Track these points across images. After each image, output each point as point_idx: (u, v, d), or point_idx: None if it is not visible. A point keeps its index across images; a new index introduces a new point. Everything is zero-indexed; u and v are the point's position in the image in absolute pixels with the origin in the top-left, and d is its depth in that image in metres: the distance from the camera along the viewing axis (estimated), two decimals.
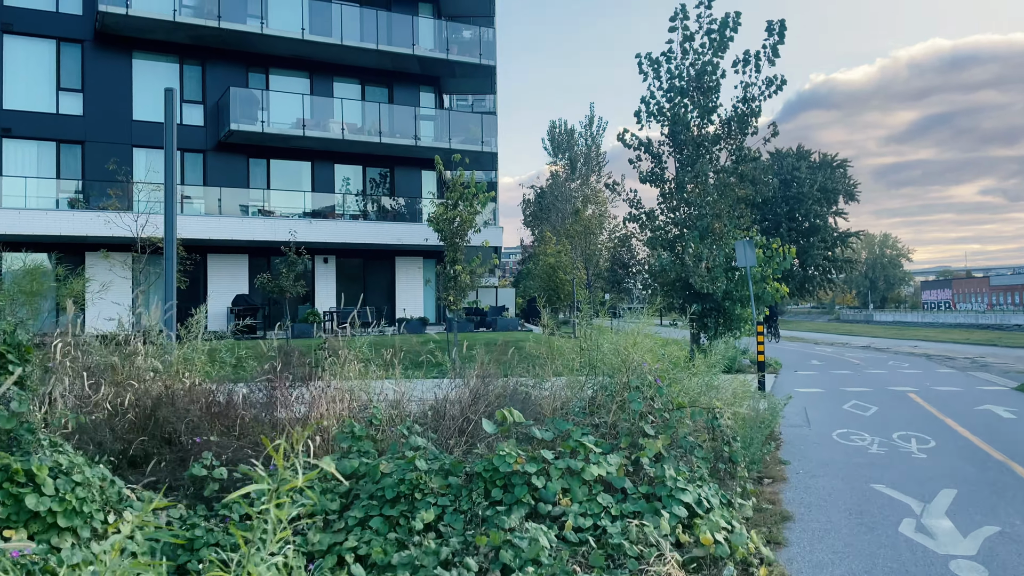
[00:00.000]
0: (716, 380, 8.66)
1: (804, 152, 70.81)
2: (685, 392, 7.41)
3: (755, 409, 8.33)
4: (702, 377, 7.94)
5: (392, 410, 7.75)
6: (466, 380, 7.71)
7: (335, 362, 7.84)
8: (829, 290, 74.39)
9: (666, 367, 7.48)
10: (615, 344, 7.43)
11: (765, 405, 8.66)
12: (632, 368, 6.94)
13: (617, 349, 7.46)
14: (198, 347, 8.53)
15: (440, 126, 29.32)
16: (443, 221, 18.37)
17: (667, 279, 19.56)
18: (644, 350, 7.38)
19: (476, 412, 7.47)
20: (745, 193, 19.66)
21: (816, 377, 17.77)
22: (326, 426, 7.05)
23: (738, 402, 8.06)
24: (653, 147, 19.72)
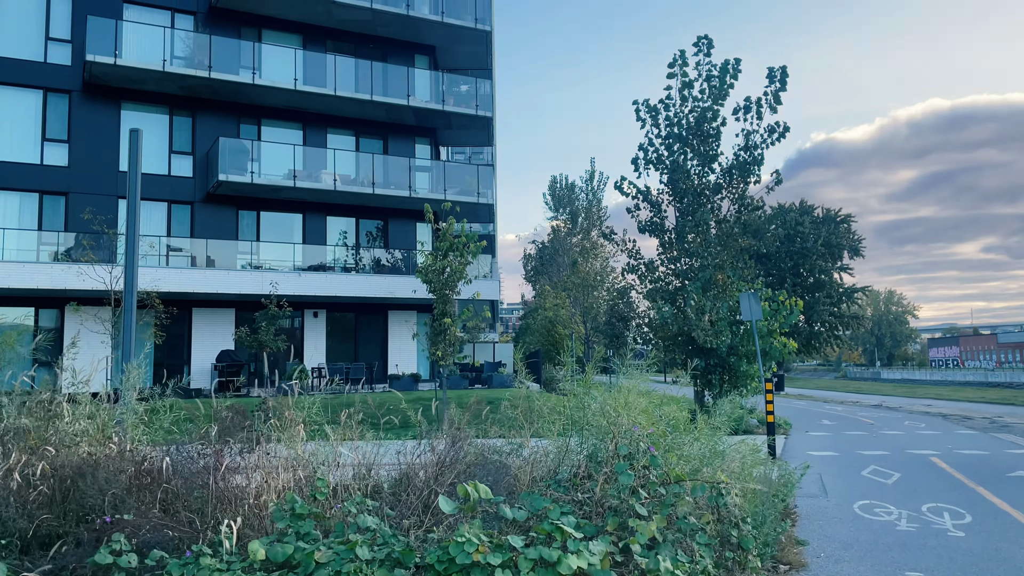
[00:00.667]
0: (721, 444, 7.62)
1: (807, 207, 70.37)
2: (685, 460, 6.38)
3: (767, 479, 7.26)
4: (705, 442, 6.91)
5: (353, 481, 6.72)
6: (433, 445, 6.70)
7: (281, 425, 6.83)
8: (836, 347, 73.05)
9: (662, 431, 6.47)
10: (604, 403, 6.43)
11: (778, 473, 7.59)
12: (622, 432, 5.93)
13: (605, 409, 6.46)
14: (135, 407, 7.53)
15: (435, 177, 28.73)
16: (432, 272, 17.50)
17: (668, 333, 18.57)
18: (637, 411, 6.37)
19: (443, 483, 6.44)
20: (748, 244, 18.80)
21: (829, 439, 16.62)
22: (263, 501, 6.02)
23: (747, 471, 7.00)
24: (652, 195, 18.95)
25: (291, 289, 24.86)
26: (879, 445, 15.15)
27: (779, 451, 13.92)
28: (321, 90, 26.08)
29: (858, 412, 25.80)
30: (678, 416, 7.25)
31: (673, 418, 7.13)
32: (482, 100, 29.04)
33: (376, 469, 7.17)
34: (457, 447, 6.54)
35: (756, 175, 19.13)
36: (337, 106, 27.30)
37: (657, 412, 7.26)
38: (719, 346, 17.79)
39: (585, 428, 6.55)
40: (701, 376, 18.67)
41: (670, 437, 6.49)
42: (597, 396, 6.99)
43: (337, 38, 28.49)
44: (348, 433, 7.41)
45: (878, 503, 8.86)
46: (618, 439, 5.88)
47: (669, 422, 6.99)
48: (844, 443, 15.63)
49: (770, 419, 11.84)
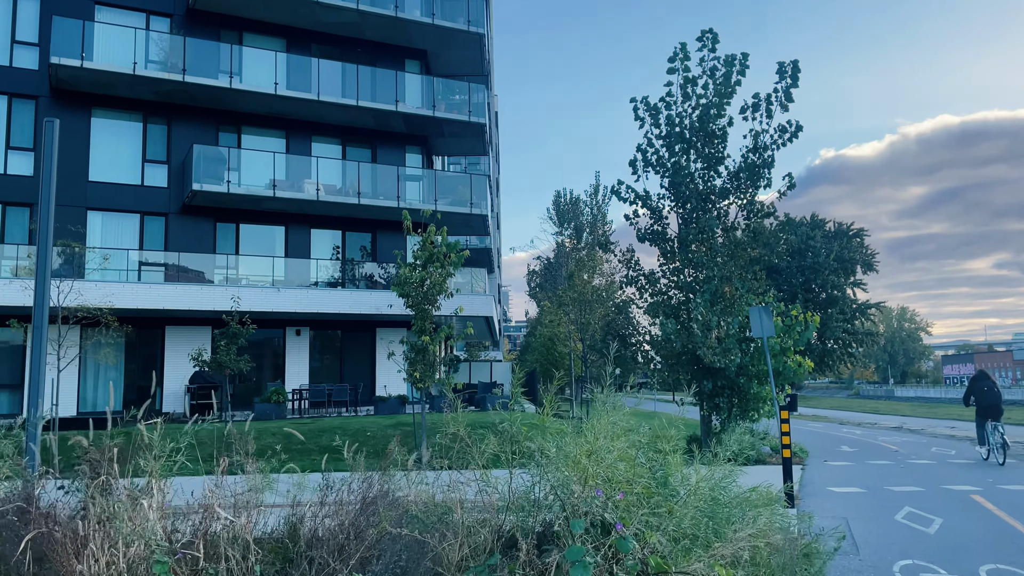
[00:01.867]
0: (725, 497, 5.97)
1: (818, 221, 68.68)
2: (676, 531, 4.71)
3: (787, 551, 5.59)
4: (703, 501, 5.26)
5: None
6: (338, 501, 5.07)
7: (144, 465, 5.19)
8: (849, 364, 71.05)
9: (645, 489, 4.81)
10: (565, 449, 4.80)
11: (801, 544, 5.91)
12: (581, 497, 4.29)
13: (571, 457, 4.82)
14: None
15: (426, 187, 27.24)
16: (409, 284, 15.90)
17: (671, 351, 16.88)
18: (610, 460, 4.73)
19: (348, 560, 4.79)
20: (758, 254, 17.14)
21: (852, 470, 14.85)
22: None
23: (761, 538, 5.34)
24: (652, 201, 17.33)
25: (270, 305, 23.32)
26: (909, 478, 13.38)
27: (796, 487, 12.18)
28: (304, 95, 24.66)
29: (879, 436, 23.97)
30: (670, 464, 5.57)
31: (662, 468, 5.46)
32: (475, 106, 27.56)
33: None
34: (368, 509, 4.89)
35: (766, 179, 17.48)
36: (322, 112, 25.87)
37: (645, 455, 5.60)
38: (727, 366, 16.09)
39: (540, 482, 4.91)
40: (708, 399, 16.95)
41: (654, 499, 4.82)
42: (562, 437, 5.33)
43: (323, 42, 27.11)
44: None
45: (923, 564, 7.14)
46: (573, 506, 4.23)
47: (655, 474, 5.33)
48: (869, 476, 13.87)
49: (786, 453, 10.13)
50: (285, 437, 10.12)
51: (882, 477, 13.55)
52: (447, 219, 27.99)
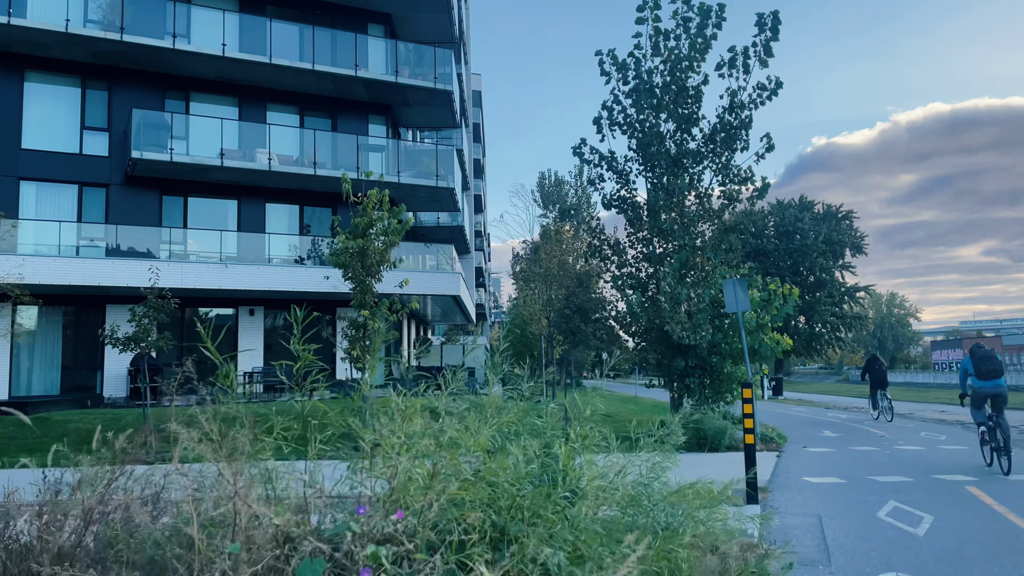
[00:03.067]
0: (652, 492, 4.57)
1: (807, 203, 67.22)
2: (565, 548, 3.27)
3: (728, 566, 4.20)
4: (616, 503, 3.85)
5: None
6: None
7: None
8: (838, 348, 69.90)
9: (516, 497, 3.38)
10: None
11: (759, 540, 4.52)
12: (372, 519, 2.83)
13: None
14: None
15: (390, 159, 25.66)
16: (347, 255, 14.40)
17: (638, 328, 15.45)
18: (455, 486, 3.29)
19: None
20: (734, 220, 15.70)
21: (833, 457, 13.49)
22: None
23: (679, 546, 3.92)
24: (618, 163, 15.85)
25: (217, 283, 21.81)
26: (896, 466, 12.02)
27: (767, 476, 10.80)
28: (255, 57, 23.02)
29: (865, 421, 22.65)
30: (556, 457, 4.15)
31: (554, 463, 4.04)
32: (442, 73, 25.93)
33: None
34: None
35: (743, 141, 16.06)
36: (277, 78, 24.24)
37: (528, 446, 4.18)
38: (698, 343, 14.67)
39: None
40: (678, 380, 15.55)
41: (530, 505, 3.39)
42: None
43: (279, 3, 25.44)
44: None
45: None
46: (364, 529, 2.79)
47: (546, 472, 3.91)
48: (851, 463, 12.50)
49: (749, 439, 8.66)
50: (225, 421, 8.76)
51: (866, 465, 12.18)
52: (412, 193, 26.51)
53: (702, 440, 14.08)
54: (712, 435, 13.95)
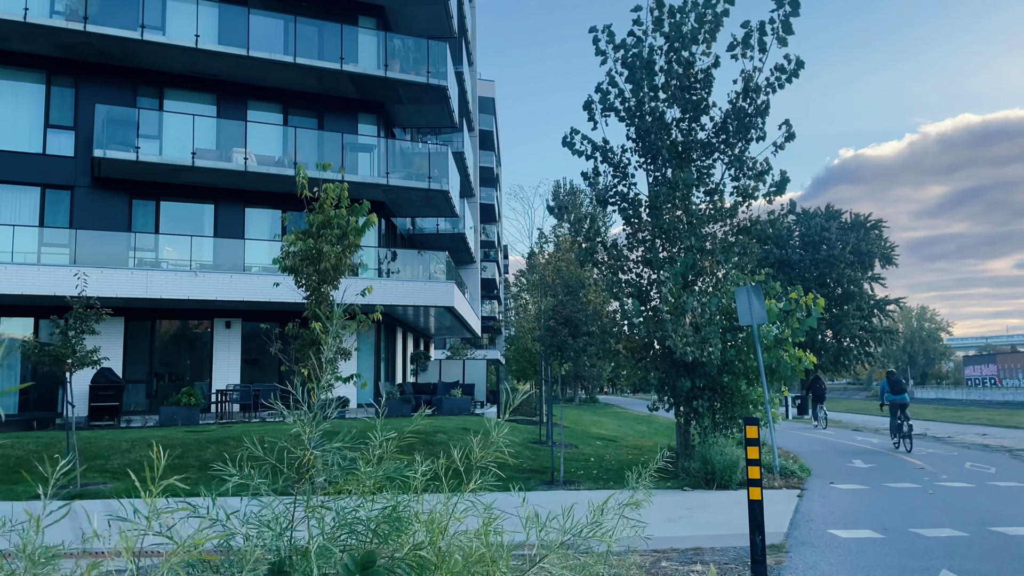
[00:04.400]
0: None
1: (834, 212, 64.62)
2: None
3: None
4: None
5: None
6: None
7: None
8: (867, 364, 67.04)
9: None
10: None
11: None
12: None
13: None
14: None
15: (379, 160, 23.87)
16: (297, 258, 12.55)
17: (637, 342, 13.41)
18: None
19: None
20: (746, 221, 13.65)
21: (865, 498, 11.33)
22: None
23: None
24: (614, 154, 13.86)
25: (185, 292, 20.10)
26: (943, 513, 9.86)
27: (784, 527, 8.70)
28: (231, 50, 21.38)
29: (899, 448, 20.35)
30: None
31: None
32: (437, 67, 24.14)
33: None
34: None
35: (759, 129, 14.04)
36: (258, 73, 22.59)
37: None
38: (707, 360, 12.60)
39: None
40: (685, 402, 13.46)
41: None
42: None
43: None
44: None
45: None
46: None
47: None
48: (888, 508, 10.35)
49: (754, 493, 6.55)
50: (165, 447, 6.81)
51: (906, 511, 10.03)
52: (404, 196, 24.68)
53: (710, 475, 11.99)
54: (722, 469, 11.86)
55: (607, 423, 26.79)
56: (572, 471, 13.78)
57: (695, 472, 12.32)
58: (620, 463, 15.10)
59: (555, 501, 9.89)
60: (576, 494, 11.37)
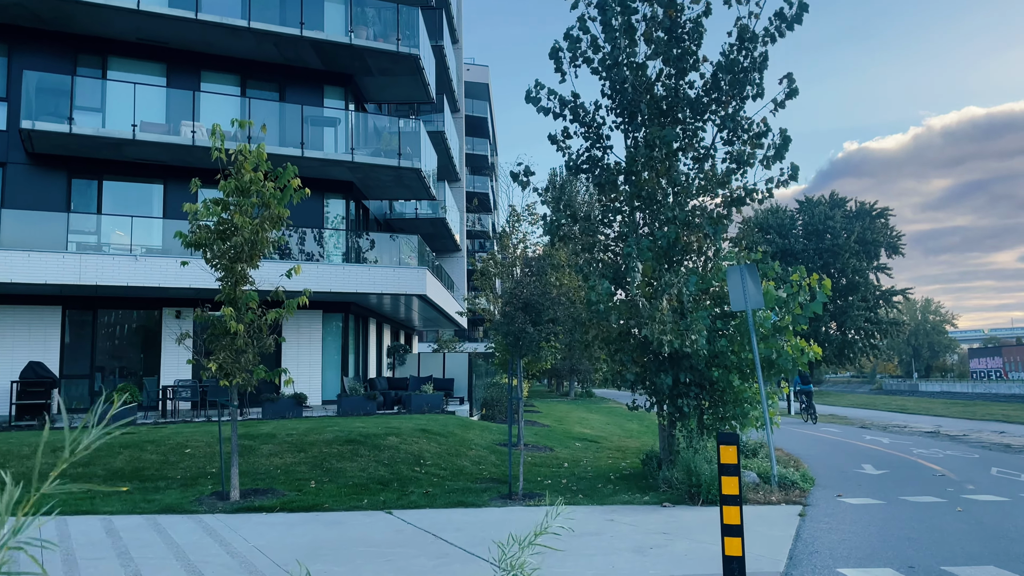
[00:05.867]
0: None
1: (838, 200, 62.66)
2: None
3: None
4: None
5: None
6: None
7: None
8: (872, 356, 65.15)
9: None
10: None
11: None
12: None
13: None
14: None
15: (342, 135, 21.96)
16: (205, 232, 10.68)
17: (609, 331, 11.50)
18: None
19: None
20: (740, 191, 11.73)
21: (881, 517, 9.43)
22: None
23: None
24: (586, 112, 11.93)
25: (126, 279, 18.25)
26: (980, 542, 7.97)
27: (781, 565, 6.80)
28: (178, 12, 19.45)
29: (912, 447, 18.46)
30: None
31: None
32: (408, 35, 22.19)
33: None
34: None
35: (756, 85, 12.11)
36: (211, 39, 20.68)
37: None
38: (692, 352, 10.69)
39: None
40: (668, 401, 11.56)
41: None
42: None
43: None
44: None
45: None
46: None
47: None
48: (911, 533, 8.46)
49: (731, 517, 4.59)
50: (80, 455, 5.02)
51: (932, 536, 8.14)
52: (373, 175, 22.75)
53: (695, 488, 10.11)
54: (709, 481, 9.97)
55: (595, 420, 24.90)
56: (538, 480, 11.92)
57: (678, 483, 10.44)
58: (597, 470, 13.23)
59: (501, 522, 7.61)
60: (532, 512, 9.50)
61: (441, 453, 13.22)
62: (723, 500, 4.70)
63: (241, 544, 7.93)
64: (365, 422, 15.42)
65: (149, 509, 9.81)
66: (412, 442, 13.45)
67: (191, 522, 9.08)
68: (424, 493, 10.71)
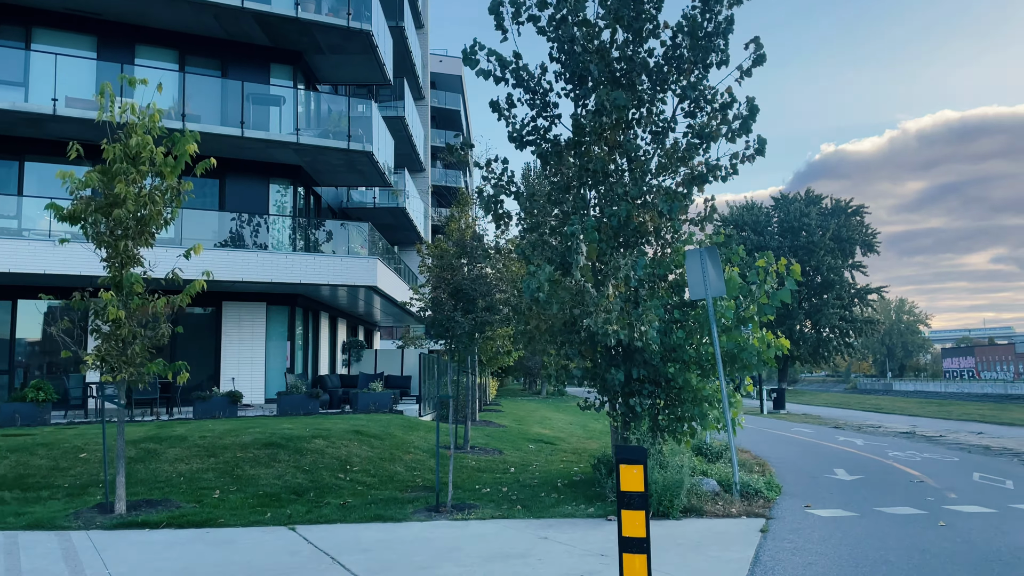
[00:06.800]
0: None
1: (814, 197, 61.89)
2: None
3: None
4: None
5: None
6: None
7: None
8: (847, 355, 64.57)
9: None
10: None
11: None
12: None
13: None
14: None
15: (287, 115, 20.57)
16: (83, 203, 9.33)
17: (553, 321, 10.27)
18: None
19: None
20: (702, 168, 10.54)
21: (853, 535, 8.28)
22: None
23: None
24: (531, 76, 10.68)
25: (43, 266, 16.82)
26: (969, 567, 6.83)
27: None
28: None
29: (888, 449, 17.43)
30: None
31: None
32: (360, 10, 20.81)
33: None
34: None
35: (721, 52, 10.95)
36: (144, 8, 19.21)
37: None
38: (645, 344, 9.49)
39: None
40: (621, 400, 10.36)
41: None
42: None
43: None
44: None
45: None
46: None
47: None
48: (888, 556, 7.31)
49: (634, 568, 3.32)
50: None
51: (913, 558, 7.00)
52: (322, 158, 21.27)
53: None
54: (661, 490, 8.77)
55: (558, 420, 23.73)
56: (476, 489, 10.66)
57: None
58: (545, 476, 12.00)
59: (417, 541, 6.24)
60: (457, 528, 8.25)
61: (373, 458, 11.93)
62: (623, 545, 3.44)
63: (96, 570, 6.62)
64: (296, 423, 14.09)
65: (16, 524, 8.44)
66: (341, 445, 12.14)
67: (54, 541, 7.74)
68: (341, 505, 9.42)
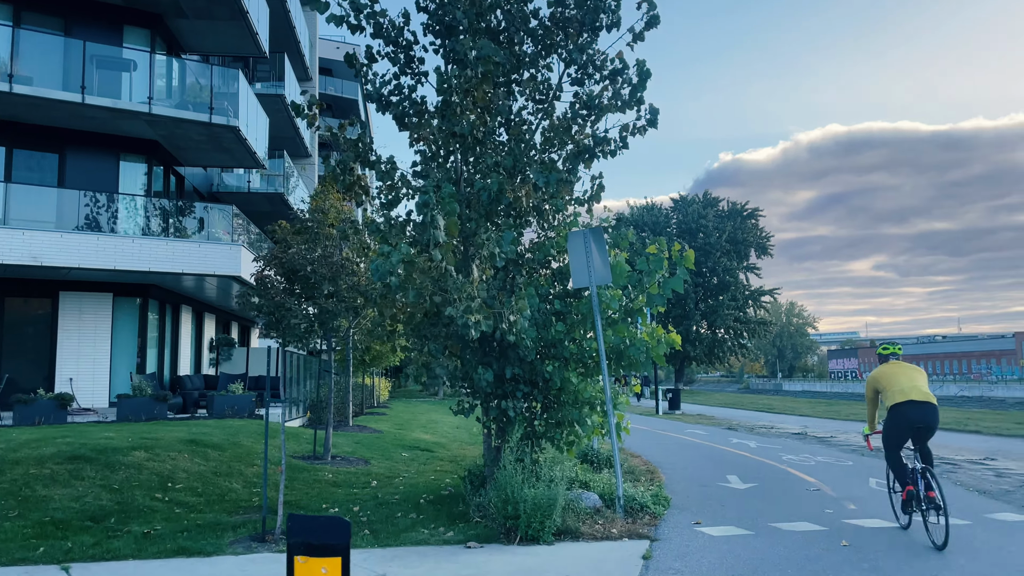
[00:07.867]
0: None
1: (711, 199, 62.76)
2: None
3: None
4: None
5: None
6: None
7: None
8: (741, 356, 65.75)
9: None
10: None
11: None
12: None
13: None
14: None
15: (144, 83, 18.32)
16: None
17: (414, 310, 8.80)
18: None
19: None
20: (589, 139, 9.30)
21: (745, 560, 7.12)
22: None
23: None
24: (394, 26, 9.18)
25: None
26: None
27: None
28: None
29: (782, 452, 16.76)
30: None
31: None
32: None
33: None
34: None
35: (611, 12, 9.73)
36: None
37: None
38: (517, 339, 8.14)
39: None
40: (493, 402, 8.97)
41: None
42: None
43: None
44: None
45: None
46: None
47: None
48: None
49: None
50: None
51: None
52: (182, 133, 18.89)
53: (512, 519, 7.55)
54: (531, 510, 7.43)
55: (445, 424, 22.26)
56: (323, 509, 9.07)
57: (494, 512, 7.86)
58: (410, 491, 10.50)
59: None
60: (281, 562, 6.67)
61: (205, 472, 10.15)
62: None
63: None
64: (123, 431, 12.09)
65: None
66: (167, 458, 10.30)
67: None
68: (144, 534, 7.66)
